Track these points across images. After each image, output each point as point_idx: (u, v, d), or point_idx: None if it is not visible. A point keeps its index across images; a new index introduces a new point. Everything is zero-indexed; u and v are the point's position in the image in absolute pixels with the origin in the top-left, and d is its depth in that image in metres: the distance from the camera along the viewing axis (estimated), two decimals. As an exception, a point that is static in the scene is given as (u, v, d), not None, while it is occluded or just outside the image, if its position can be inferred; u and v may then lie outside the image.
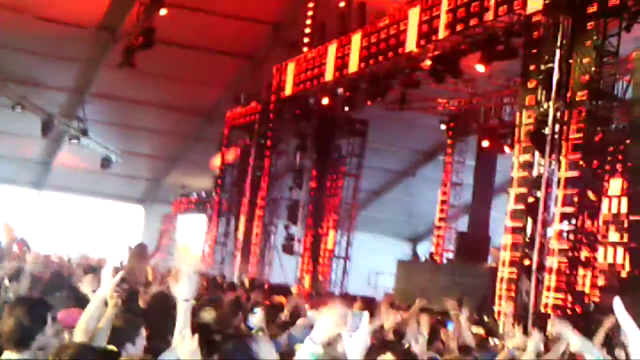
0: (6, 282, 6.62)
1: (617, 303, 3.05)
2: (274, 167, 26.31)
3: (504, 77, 21.68)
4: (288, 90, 24.73)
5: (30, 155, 32.43)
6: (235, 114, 28.56)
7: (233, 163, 29.57)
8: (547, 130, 14.53)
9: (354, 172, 26.57)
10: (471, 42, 17.45)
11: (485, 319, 15.72)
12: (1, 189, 33.30)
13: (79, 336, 5.04)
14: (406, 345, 7.07)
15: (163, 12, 21.01)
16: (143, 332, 5.42)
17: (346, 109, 23.38)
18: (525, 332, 7.60)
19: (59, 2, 24.24)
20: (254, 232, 26.16)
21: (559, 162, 14.64)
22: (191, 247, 29.98)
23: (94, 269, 11.03)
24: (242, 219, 26.87)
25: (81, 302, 6.03)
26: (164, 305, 5.70)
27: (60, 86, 28.04)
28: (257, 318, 7.30)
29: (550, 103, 14.51)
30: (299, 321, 8.19)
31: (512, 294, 15.10)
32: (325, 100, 23.45)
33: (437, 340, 8.18)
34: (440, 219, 26.71)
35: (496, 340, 10.38)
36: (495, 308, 15.53)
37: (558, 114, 14.51)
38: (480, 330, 11.47)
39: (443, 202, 26.79)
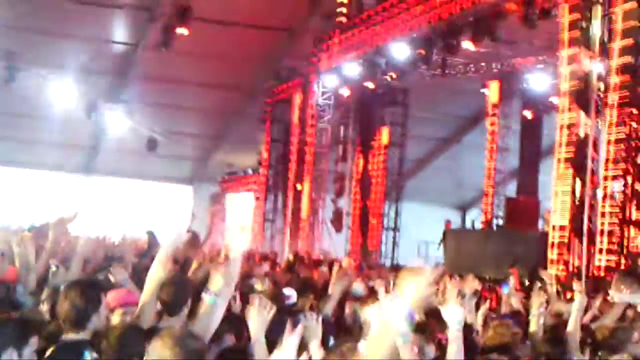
0: (53, 267, 6.69)
1: None
2: (318, 140, 26.30)
3: (545, 38, 21.31)
4: (328, 62, 24.66)
5: (78, 141, 32.74)
6: (276, 89, 28.56)
7: (278, 138, 29.60)
8: (591, 90, 14.30)
9: (398, 142, 26.44)
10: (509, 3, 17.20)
11: (538, 284, 15.60)
12: (50, 175, 33.72)
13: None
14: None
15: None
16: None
17: (387, 78, 23.25)
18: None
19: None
20: (301, 207, 26.22)
21: (605, 121, 14.40)
22: (245, 228, 29.99)
23: (145, 253, 11.13)
24: (290, 195, 26.93)
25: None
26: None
27: (102, 70, 28.24)
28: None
29: (593, 61, 14.26)
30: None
31: (564, 257, 14.97)
32: (364, 70, 23.34)
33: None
34: (488, 185, 26.47)
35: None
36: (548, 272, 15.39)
37: (601, 72, 14.26)
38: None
39: (490, 168, 26.53)
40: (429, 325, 5.81)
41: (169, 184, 36.77)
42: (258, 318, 3.98)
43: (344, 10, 24.09)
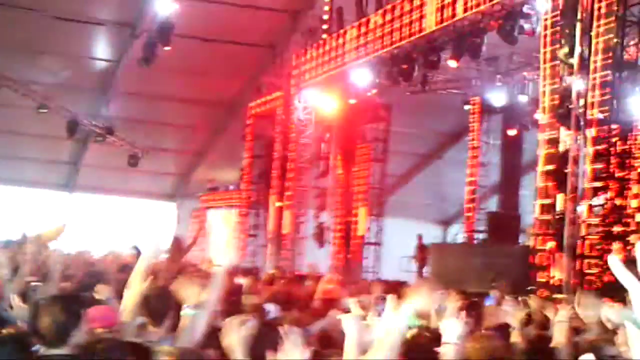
0: (33, 283, 6.66)
1: (613, 260, 3.00)
2: (299, 156, 26.32)
3: (525, 55, 21.48)
4: (309, 77, 24.73)
5: (58, 157, 32.63)
6: (258, 105, 28.59)
7: (260, 154, 29.58)
8: (571, 106, 14.39)
9: (380, 157, 26.48)
10: (489, 20, 17.31)
11: (520, 298, 15.64)
12: (31, 192, 33.54)
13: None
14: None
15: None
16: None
17: (369, 94, 23.34)
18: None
19: (77, 1, 24.40)
20: (283, 222, 26.21)
21: (585, 137, 14.50)
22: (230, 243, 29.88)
23: (127, 266, 11.06)
24: (271, 210, 26.92)
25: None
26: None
27: (83, 86, 28.18)
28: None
29: (573, 77, 14.36)
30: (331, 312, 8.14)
31: (546, 272, 15.01)
32: (345, 86, 23.45)
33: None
34: (470, 200, 26.56)
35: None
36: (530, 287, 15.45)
37: (582, 87, 14.36)
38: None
39: (471, 183, 26.63)
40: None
41: (151, 200, 36.65)
42: (234, 335, 3.96)
43: (325, 26, 24.19)
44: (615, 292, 13.08)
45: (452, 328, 4.49)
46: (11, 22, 23.96)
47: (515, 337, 6.59)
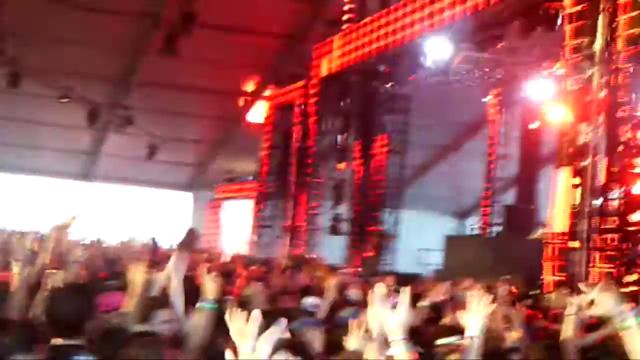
0: (51, 271, 6.69)
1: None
2: (318, 147, 26.31)
3: (547, 46, 21.30)
4: (329, 68, 24.68)
5: (78, 146, 32.77)
6: (277, 95, 28.59)
7: (278, 145, 29.59)
8: (591, 98, 14.31)
9: (399, 149, 26.40)
10: (511, 11, 17.19)
11: (532, 292, 15.60)
12: (50, 182, 33.73)
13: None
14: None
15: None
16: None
17: (388, 85, 23.29)
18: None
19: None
20: (300, 213, 26.22)
21: (605, 130, 14.42)
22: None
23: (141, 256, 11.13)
24: (288, 201, 26.92)
25: (126, 287, 6.08)
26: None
27: (104, 75, 28.26)
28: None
29: (595, 69, 14.27)
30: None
31: (562, 265, 14.96)
32: (365, 77, 23.40)
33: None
34: (487, 193, 26.48)
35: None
36: (545, 281, 15.40)
37: (603, 80, 14.27)
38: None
39: (489, 175, 26.55)
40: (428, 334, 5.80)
41: (168, 190, 36.76)
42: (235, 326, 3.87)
43: (347, 16, 24.11)
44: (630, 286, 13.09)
45: (474, 321, 4.46)
46: (33, 11, 24.04)
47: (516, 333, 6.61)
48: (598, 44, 14.28)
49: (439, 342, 5.21)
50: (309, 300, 7.86)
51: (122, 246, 14.66)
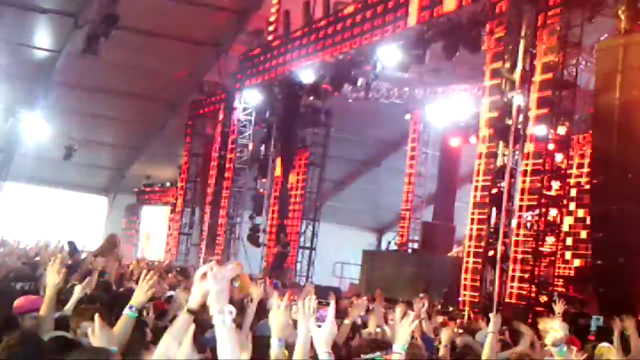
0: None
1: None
2: (238, 157, 26.27)
3: (468, 67, 21.69)
4: (252, 78, 24.69)
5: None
6: (199, 103, 28.45)
7: (198, 153, 29.44)
8: (510, 121, 14.60)
9: (319, 162, 26.51)
10: (435, 32, 17.41)
11: (450, 308, 15.82)
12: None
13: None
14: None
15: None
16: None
17: (310, 98, 23.41)
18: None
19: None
20: (219, 222, 26.11)
21: (523, 152, 14.74)
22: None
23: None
24: (207, 210, 26.80)
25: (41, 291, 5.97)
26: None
27: (22, 74, 27.68)
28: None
29: (514, 93, 14.57)
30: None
31: (477, 283, 15.20)
32: (287, 89, 23.50)
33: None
34: (405, 209, 26.78)
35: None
36: (460, 298, 15.63)
37: (522, 104, 14.58)
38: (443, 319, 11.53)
39: (408, 192, 26.88)
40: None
41: (85, 193, 36.18)
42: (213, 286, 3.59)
43: (271, 28, 24.17)
44: (544, 309, 13.37)
45: (401, 338, 4.51)
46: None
47: (441, 351, 6.74)
48: (518, 68, 14.59)
49: (363, 357, 5.23)
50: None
51: (38, 248, 14.35)
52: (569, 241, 19.87)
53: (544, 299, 14.13)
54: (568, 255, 19.82)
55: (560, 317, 8.41)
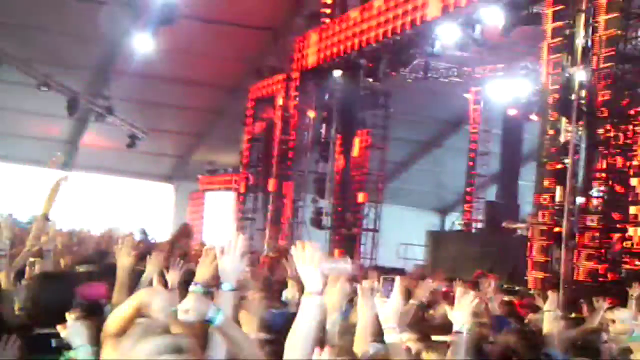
0: (32, 259, 6.65)
1: None
2: (299, 140, 26.32)
3: (528, 44, 21.38)
4: (310, 62, 24.66)
5: (57, 135, 32.55)
6: (258, 88, 28.54)
7: (259, 137, 29.57)
8: (573, 96, 14.36)
9: (380, 144, 26.43)
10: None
11: (516, 287, 15.68)
12: (29, 170, 33.49)
13: None
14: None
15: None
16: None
17: (369, 80, 23.32)
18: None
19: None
20: (282, 206, 26.21)
21: (587, 128, 14.50)
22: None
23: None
24: (270, 194, 26.90)
25: (108, 276, 6.03)
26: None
27: (85, 64, 28.09)
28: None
29: (575, 68, 14.33)
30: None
31: (543, 261, 15.03)
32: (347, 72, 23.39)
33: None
34: (469, 189, 26.59)
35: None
36: (527, 277, 15.47)
37: (583, 79, 14.33)
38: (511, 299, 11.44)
39: (471, 172, 26.67)
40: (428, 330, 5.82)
41: (149, 180, 36.62)
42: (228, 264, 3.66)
43: (327, 10, 24.13)
44: (614, 287, 13.16)
45: (459, 317, 4.49)
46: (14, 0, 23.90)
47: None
48: (579, 43, 14.34)
49: (435, 338, 5.22)
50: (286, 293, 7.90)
51: (107, 236, 14.57)
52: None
53: (613, 276, 13.91)
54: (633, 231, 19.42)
55: (635, 300, 8.31)
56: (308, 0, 25.06)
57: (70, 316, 4.06)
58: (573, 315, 9.09)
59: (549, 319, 6.51)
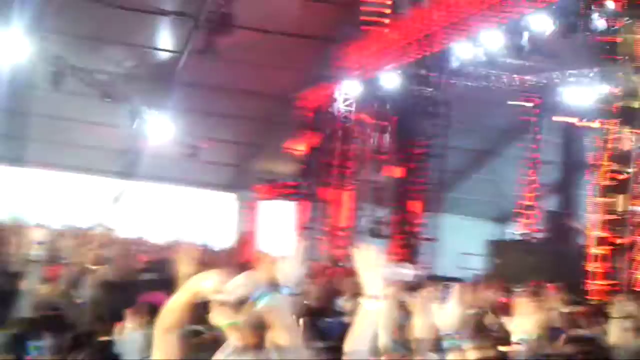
0: (92, 267, 6.77)
1: None
2: (358, 149, 26.32)
3: (589, 52, 21.11)
4: (368, 70, 24.65)
5: (119, 145, 32.97)
6: (315, 97, 28.59)
7: (318, 147, 29.61)
8: (636, 104, 14.16)
9: (439, 153, 26.30)
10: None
11: (577, 298, 15.47)
12: (91, 180, 34.00)
13: None
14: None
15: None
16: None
17: (428, 89, 23.25)
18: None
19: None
20: (341, 216, 26.22)
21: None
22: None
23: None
24: (329, 204, 26.92)
25: (168, 286, 6.08)
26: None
27: (146, 76, 28.45)
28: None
29: (638, 75, 14.12)
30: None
31: (604, 272, 14.82)
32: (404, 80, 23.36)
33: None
34: (529, 199, 26.32)
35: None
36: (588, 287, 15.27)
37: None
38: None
39: (531, 181, 26.41)
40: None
41: (208, 189, 36.88)
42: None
43: (385, 20, 24.12)
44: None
45: (521, 328, 4.48)
46: (78, 11, 24.30)
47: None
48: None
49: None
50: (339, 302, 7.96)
51: (168, 245, 14.74)
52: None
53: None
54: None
55: None
56: (358, 9, 25.05)
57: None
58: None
59: (617, 328, 6.40)
